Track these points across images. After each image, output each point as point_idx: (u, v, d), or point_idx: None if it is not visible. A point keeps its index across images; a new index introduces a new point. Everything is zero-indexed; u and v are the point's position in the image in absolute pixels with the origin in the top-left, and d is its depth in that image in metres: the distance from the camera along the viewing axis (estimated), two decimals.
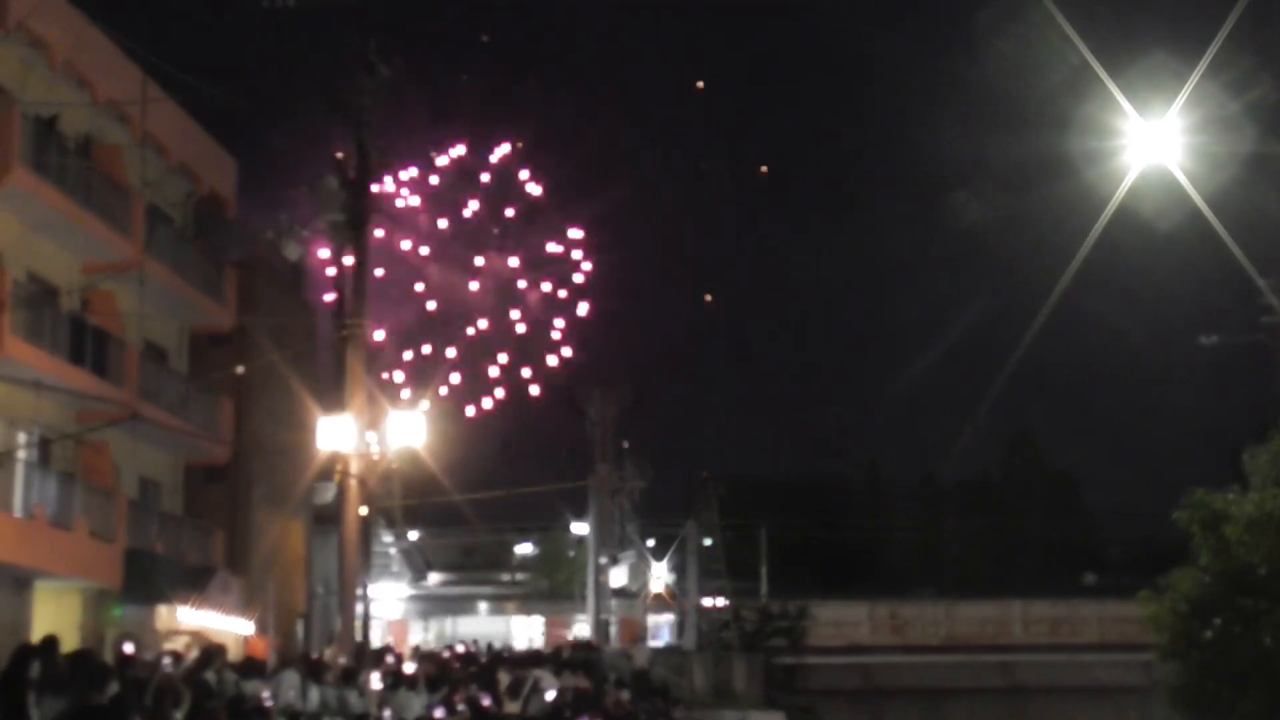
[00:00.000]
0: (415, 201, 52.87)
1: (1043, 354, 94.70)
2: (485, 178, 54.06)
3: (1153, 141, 20.80)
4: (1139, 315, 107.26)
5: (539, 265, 54.30)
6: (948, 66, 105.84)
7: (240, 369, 34.58)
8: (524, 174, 54.09)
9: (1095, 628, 52.89)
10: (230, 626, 33.90)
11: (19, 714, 13.44)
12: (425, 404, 43.08)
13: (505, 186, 54.17)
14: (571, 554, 64.36)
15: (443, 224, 53.33)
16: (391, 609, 57.36)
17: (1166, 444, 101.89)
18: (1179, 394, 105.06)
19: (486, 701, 24.33)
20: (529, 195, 54.20)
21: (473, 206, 53.92)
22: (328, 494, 36.92)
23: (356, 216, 28.64)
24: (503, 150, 53.96)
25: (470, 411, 52.11)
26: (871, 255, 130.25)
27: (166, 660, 20.80)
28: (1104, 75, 20.72)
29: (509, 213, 54.16)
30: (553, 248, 54.46)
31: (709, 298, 58.11)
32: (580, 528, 58.84)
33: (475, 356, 53.08)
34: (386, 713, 22.58)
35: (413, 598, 60.34)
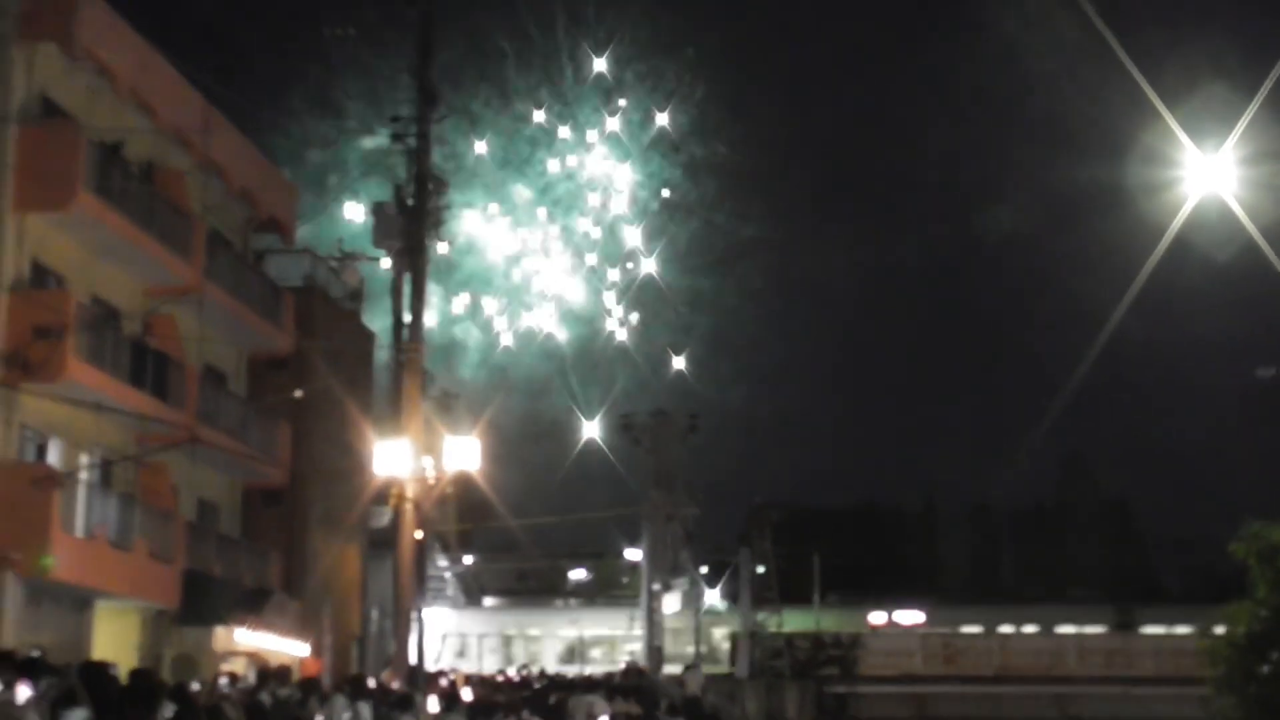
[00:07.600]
0: None
1: (1099, 382, 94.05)
2: None
3: (1209, 173, 20.76)
4: (1195, 344, 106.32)
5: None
6: (1009, 97, 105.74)
7: (298, 393, 34.82)
8: None
9: (1151, 660, 52.37)
10: (286, 648, 34.12)
11: None
12: None
13: None
14: (625, 580, 64.35)
15: None
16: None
17: (1222, 473, 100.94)
18: (1235, 423, 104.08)
19: None
20: None
21: None
22: (383, 518, 37.17)
23: (415, 242, 28.93)
24: None
25: None
26: (925, 282, 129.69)
27: (223, 681, 21.00)
28: (1161, 107, 20.75)
29: None
30: None
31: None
32: (634, 554, 58.85)
33: None
34: None
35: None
